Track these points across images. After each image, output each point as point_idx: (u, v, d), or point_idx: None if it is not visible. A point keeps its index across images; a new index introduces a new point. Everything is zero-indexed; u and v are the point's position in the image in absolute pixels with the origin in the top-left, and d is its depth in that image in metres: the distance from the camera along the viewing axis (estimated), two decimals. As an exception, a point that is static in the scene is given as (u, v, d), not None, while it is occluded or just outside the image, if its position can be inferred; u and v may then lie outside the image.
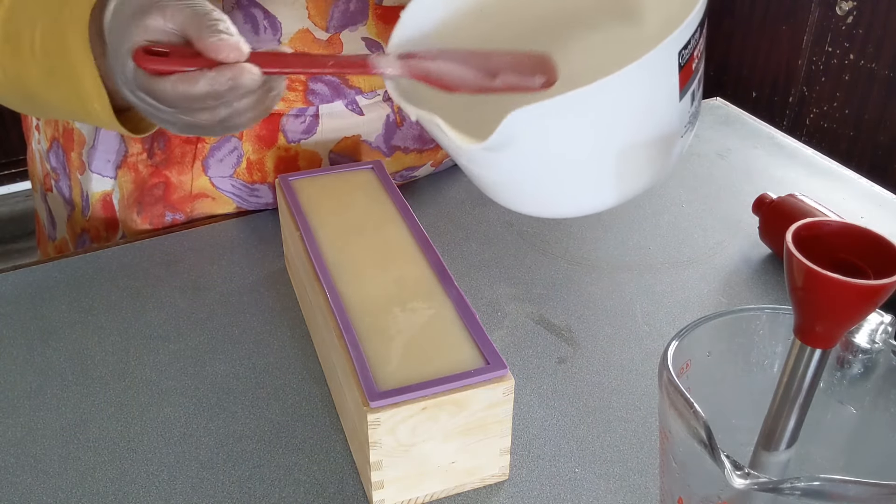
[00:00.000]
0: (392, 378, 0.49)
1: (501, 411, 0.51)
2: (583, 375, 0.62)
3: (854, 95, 1.95)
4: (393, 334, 0.53)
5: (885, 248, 0.35)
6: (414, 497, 0.52)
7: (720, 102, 1.01)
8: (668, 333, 0.65)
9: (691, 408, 0.36)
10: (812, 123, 2.08)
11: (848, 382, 0.43)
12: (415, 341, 0.52)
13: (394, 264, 0.59)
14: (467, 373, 0.49)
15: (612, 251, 0.75)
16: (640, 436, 0.57)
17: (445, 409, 0.49)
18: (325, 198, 0.66)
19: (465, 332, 0.53)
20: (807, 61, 2.05)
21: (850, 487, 0.32)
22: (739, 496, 0.35)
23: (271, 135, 0.74)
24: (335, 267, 0.59)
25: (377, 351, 0.52)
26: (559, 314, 0.67)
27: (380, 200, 0.66)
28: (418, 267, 0.59)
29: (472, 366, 0.50)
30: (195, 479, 0.54)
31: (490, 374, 0.49)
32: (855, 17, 1.90)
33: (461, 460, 0.52)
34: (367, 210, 0.65)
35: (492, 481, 0.54)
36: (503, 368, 0.50)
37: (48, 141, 0.81)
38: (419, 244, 0.61)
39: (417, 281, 0.57)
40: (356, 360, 0.50)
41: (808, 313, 0.36)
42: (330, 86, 0.72)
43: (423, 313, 0.54)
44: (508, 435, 0.52)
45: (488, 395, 0.49)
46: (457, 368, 0.50)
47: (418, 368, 0.50)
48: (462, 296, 0.55)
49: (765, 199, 0.74)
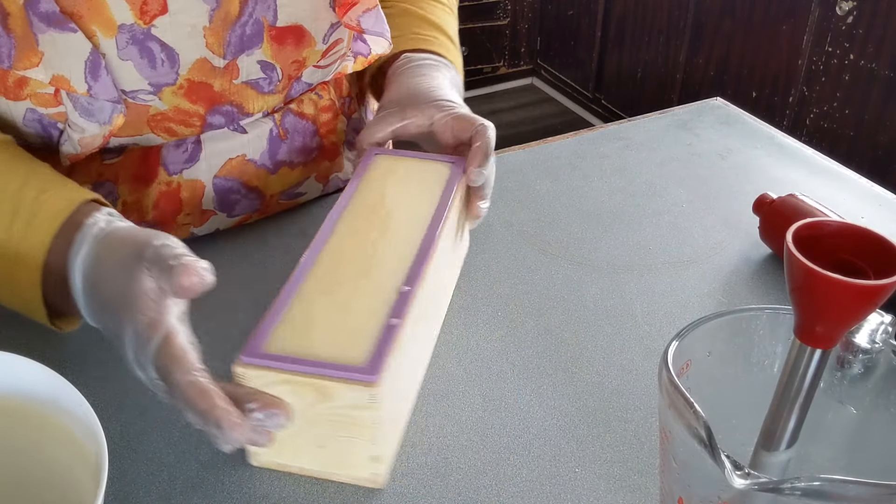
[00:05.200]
0: (283, 343, 0.51)
1: (368, 416, 0.50)
2: (583, 375, 0.62)
3: (854, 95, 1.95)
4: (325, 305, 0.54)
5: (886, 248, 0.35)
6: (285, 463, 0.54)
7: (720, 102, 1.01)
8: (668, 333, 0.65)
9: (691, 408, 0.36)
10: (812, 123, 2.08)
11: (848, 382, 0.43)
12: (333, 318, 0.53)
13: (387, 247, 0.59)
14: (335, 365, 0.49)
15: (612, 251, 0.75)
16: (640, 436, 0.57)
17: (308, 392, 0.49)
18: (387, 177, 0.67)
19: (378, 330, 0.52)
20: (807, 61, 2.05)
21: (851, 487, 0.32)
22: (739, 496, 0.35)
23: (150, 171, 0.70)
24: (336, 237, 0.60)
25: (299, 315, 0.53)
26: (559, 314, 0.67)
27: (430, 191, 0.65)
28: (403, 256, 0.58)
29: (351, 361, 0.50)
30: (195, 479, 0.54)
31: (357, 374, 0.49)
32: (855, 17, 1.90)
33: (331, 448, 0.52)
34: (410, 194, 0.65)
35: (364, 484, 0.53)
36: (373, 375, 0.48)
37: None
38: (424, 237, 0.60)
39: (391, 269, 0.57)
40: (270, 314, 0.53)
41: (808, 313, 0.36)
42: (226, 116, 0.70)
43: (365, 295, 0.55)
44: (380, 444, 0.51)
45: (353, 395, 0.49)
46: (335, 358, 0.50)
47: (310, 344, 0.51)
48: (408, 296, 0.55)
49: (765, 199, 0.74)
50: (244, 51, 0.66)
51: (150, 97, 0.65)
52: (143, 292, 0.50)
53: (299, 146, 0.77)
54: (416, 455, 0.55)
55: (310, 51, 0.70)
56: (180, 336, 0.49)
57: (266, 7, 0.65)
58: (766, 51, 2.17)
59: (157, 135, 0.68)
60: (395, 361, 0.51)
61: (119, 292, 0.51)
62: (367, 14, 0.69)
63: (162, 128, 0.68)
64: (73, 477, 0.46)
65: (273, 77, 0.69)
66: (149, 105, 0.66)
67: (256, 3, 0.64)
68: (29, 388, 0.47)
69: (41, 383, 0.46)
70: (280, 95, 0.72)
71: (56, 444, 0.47)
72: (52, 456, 0.47)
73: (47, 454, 0.48)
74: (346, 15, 0.68)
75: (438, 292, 0.64)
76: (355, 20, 0.69)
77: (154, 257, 0.50)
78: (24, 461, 0.48)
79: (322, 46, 0.71)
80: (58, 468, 0.47)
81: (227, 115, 0.70)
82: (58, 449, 0.47)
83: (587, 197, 0.83)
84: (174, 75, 0.65)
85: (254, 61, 0.67)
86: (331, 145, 0.79)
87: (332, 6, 0.69)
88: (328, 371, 0.49)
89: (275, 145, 0.75)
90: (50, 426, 0.46)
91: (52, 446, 0.47)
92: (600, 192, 0.83)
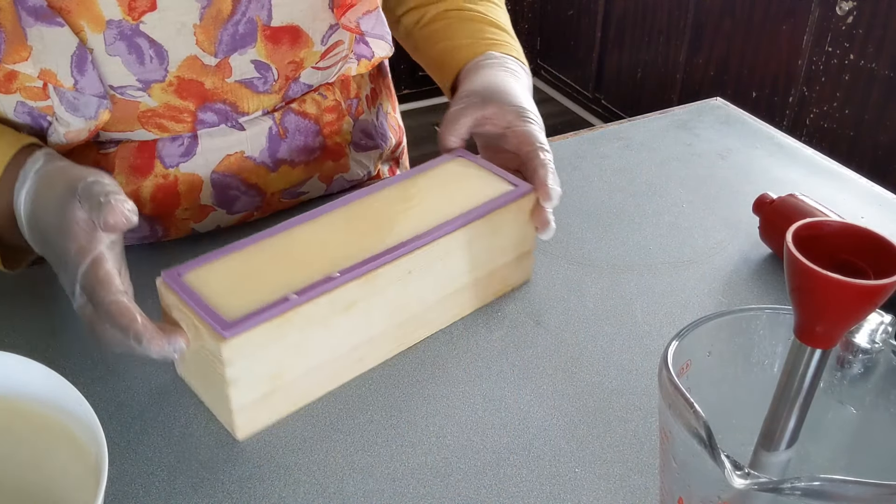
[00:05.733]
0: (199, 279, 0.56)
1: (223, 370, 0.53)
2: (583, 375, 0.62)
3: (854, 95, 1.95)
4: (257, 267, 0.58)
5: (885, 248, 0.35)
6: (193, 386, 0.60)
7: (720, 102, 1.01)
8: (668, 333, 0.65)
9: (691, 408, 0.36)
10: (812, 123, 2.08)
11: (848, 382, 0.43)
12: (253, 278, 0.56)
13: (363, 238, 0.60)
14: (212, 312, 0.53)
15: (612, 251, 0.75)
16: (640, 436, 0.57)
17: (191, 326, 0.54)
18: (441, 178, 0.67)
19: (274, 300, 0.54)
20: (807, 61, 2.05)
21: (851, 487, 0.32)
22: (739, 496, 0.35)
23: (146, 163, 0.70)
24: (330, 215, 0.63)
25: (230, 265, 0.57)
26: (559, 314, 0.67)
27: (466, 204, 0.64)
28: (366, 250, 0.59)
29: (226, 314, 0.53)
30: (195, 479, 0.54)
31: (217, 326, 0.52)
32: (855, 17, 1.90)
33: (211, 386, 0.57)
34: (442, 201, 0.64)
35: (229, 430, 0.57)
36: (228, 331, 0.52)
37: None
38: (405, 241, 0.60)
39: (344, 257, 0.58)
40: (211, 254, 0.58)
41: (808, 313, 0.36)
42: (219, 114, 0.70)
43: (296, 270, 0.57)
44: (235, 401, 0.55)
45: (213, 345, 0.53)
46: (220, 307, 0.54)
47: (216, 289, 0.55)
48: (331, 282, 0.55)
49: (765, 199, 0.74)
50: (236, 50, 0.66)
51: (139, 93, 0.65)
52: (75, 222, 0.54)
53: (301, 145, 0.76)
54: (416, 455, 0.56)
55: (307, 52, 0.70)
56: (107, 262, 0.53)
57: (260, 6, 0.65)
58: (766, 51, 2.17)
59: (148, 130, 0.68)
60: (275, 333, 0.54)
61: (55, 223, 0.55)
62: (368, 16, 0.69)
63: (153, 124, 0.68)
64: (73, 477, 0.46)
65: (268, 77, 0.69)
66: (138, 101, 0.66)
67: (250, 1, 0.64)
68: (29, 388, 0.47)
69: (41, 383, 0.46)
70: (277, 95, 0.72)
71: (56, 444, 0.47)
72: (52, 456, 0.48)
73: (47, 454, 0.48)
74: (345, 16, 0.68)
75: (410, 301, 0.62)
76: (354, 22, 0.69)
77: (85, 192, 0.54)
78: (23, 461, 0.48)
79: (321, 48, 0.70)
80: (58, 468, 0.47)
81: (220, 113, 0.70)
82: (58, 449, 0.47)
83: (587, 197, 0.83)
84: (163, 72, 0.64)
85: (247, 60, 0.67)
86: (335, 146, 0.79)
87: (331, 7, 0.68)
88: (203, 313, 0.53)
89: (274, 143, 0.74)
90: (50, 426, 0.46)
91: (52, 446, 0.47)
92: (600, 192, 0.83)
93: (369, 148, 0.83)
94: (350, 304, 0.57)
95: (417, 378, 0.61)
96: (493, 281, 0.67)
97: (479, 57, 0.77)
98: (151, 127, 0.68)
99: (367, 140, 0.82)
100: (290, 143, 0.75)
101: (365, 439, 0.57)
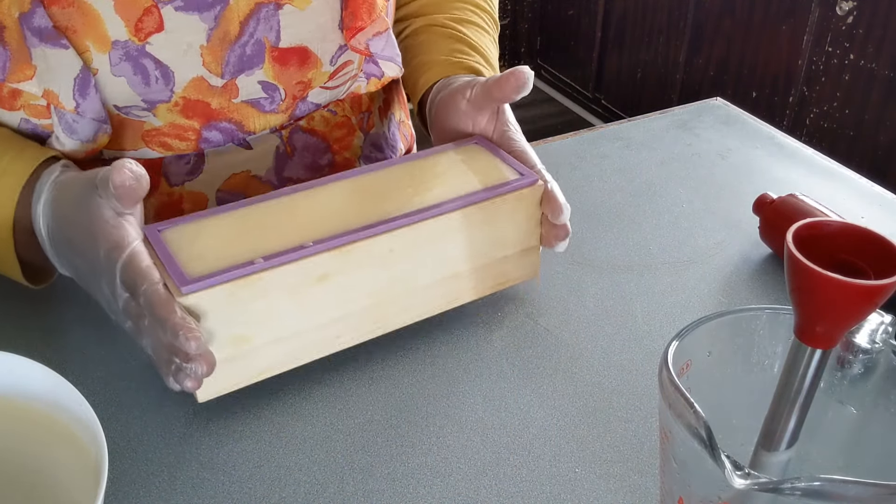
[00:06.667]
0: (178, 236, 0.57)
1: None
2: (583, 375, 0.62)
3: (854, 95, 1.95)
4: (237, 231, 0.58)
5: (886, 248, 0.35)
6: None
7: (720, 102, 1.01)
8: (668, 333, 0.65)
9: (691, 408, 0.36)
10: (812, 123, 2.08)
11: (848, 382, 0.43)
12: (231, 241, 0.57)
13: (349, 211, 0.60)
14: (178, 269, 0.54)
15: (612, 251, 0.75)
16: (640, 436, 0.57)
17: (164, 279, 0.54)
18: (448, 161, 0.66)
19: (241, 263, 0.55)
20: (807, 61, 2.05)
21: (850, 487, 0.32)
22: (739, 496, 0.35)
23: (152, 181, 0.69)
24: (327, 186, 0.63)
25: (212, 226, 0.58)
26: (559, 314, 0.67)
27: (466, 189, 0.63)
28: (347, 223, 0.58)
29: (191, 272, 0.54)
30: (195, 479, 0.54)
31: (178, 282, 0.53)
32: (855, 17, 1.90)
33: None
34: (444, 184, 0.63)
35: None
36: (185, 286, 0.52)
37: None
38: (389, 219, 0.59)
39: (322, 229, 0.58)
40: (195, 214, 0.59)
41: (809, 313, 0.36)
42: (224, 132, 0.69)
43: (271, 239, 0.57)
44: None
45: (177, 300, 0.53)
46: (187, 264, 0.54)
47: (190, 248, 0.56)
48: (301, 251, 0.56)
49: (765, 199, 0.74)
50: (244, 71, 0.65)
51: (144, 113, 0.65)
52: (104, 220, 0.54)
53: (308, 163, 0.75)
54: (416, 455, 0.56)
55: (315, 72, 0.69)
56: (144, 256, 0.53)
57: (268, 28, 0.64)
58: (766, 51, 2.17)
59: (152, 149, 0.68)
60: (238, 295, 0.54)
61: (81, 225, 0.54)
62: (378, 38, 0.68)
63: (157, 142, 0.67)
64: (73, 477, 0.46)
65: (275, 97, 0.68)
66: (143, 121, 0.65)
67: (258, 23, 0.63)
68: (29, 388, 0.47)
69: (41, 383, 0.46)
70: (284, 115, 0.71)
71: (56, 444, 0.47)
72: (52, 456, 0.48)
73: (47, 454, 0.48)
74: (355, 38, 0.67)
75: (394, 282, 0.61)
76: (364, 44, 0.68)
77: (103, 182, 0.53)
78: (24, 461, 0.48)
79: (329, 68, 0.69)
80: (58, 468, 0.47)
81: (225, 132, 0.69)
82: (58, 449, 0.47)
83: (587, 197, 0.83)
84: (169, 93, 0.64)
85: (254, 81, 0.66)
86: (343, 161, 0.78)
87: (340, 28, 0.67)
88: (168, 268, 0.54)
89: (281, 161, 0.73)
90: (50, 426, 0.46)
91: (52, 446, 0.47)
92: (600, 192, 0.83)
93: (379, 160, 0.82)
94: (323, 277, 0.57)
95: (417, 378, 0.61)
96: (492, 273, 0.66)
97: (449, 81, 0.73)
98: (155, 146, 0.68)
99: (378, 153, 0.81)
100: (297, 160, 0.74)
101: (365, 439, 0.57)
